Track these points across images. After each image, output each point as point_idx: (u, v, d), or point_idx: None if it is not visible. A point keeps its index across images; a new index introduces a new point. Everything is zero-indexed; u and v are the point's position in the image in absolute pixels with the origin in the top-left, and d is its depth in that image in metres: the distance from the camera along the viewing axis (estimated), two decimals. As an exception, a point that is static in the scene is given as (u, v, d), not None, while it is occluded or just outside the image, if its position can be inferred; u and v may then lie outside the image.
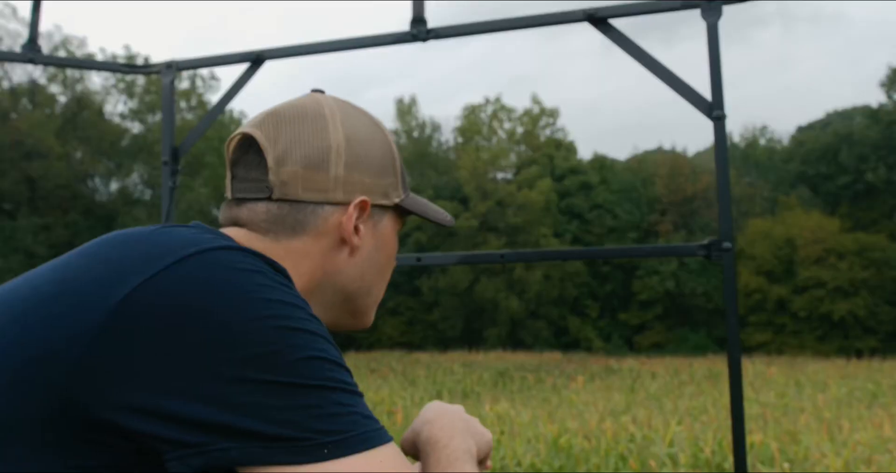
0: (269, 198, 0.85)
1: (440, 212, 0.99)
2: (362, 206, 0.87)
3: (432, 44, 2.02)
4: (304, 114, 0.87)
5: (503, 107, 40.62)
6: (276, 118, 0.87)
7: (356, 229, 0.88)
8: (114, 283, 0.68)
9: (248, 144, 0.88)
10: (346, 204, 0.87)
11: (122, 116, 36.01)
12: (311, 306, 0.82)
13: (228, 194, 0.90)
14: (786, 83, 71.63)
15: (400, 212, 0.94)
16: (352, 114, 0.90)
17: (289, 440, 0.65)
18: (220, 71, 43.03)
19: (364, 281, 0.92)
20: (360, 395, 0.71)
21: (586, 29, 1.88)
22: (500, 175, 39.05)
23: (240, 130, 0.89)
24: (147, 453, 0.66)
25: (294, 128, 0.86)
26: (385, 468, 0.68)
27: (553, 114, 40.66)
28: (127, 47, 36.49)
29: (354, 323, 0.96)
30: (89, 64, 2.74)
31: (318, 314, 0.85)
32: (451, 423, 0.88)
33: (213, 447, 0.64)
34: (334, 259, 0.88)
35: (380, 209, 0.91)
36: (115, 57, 31.82)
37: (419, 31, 1.99)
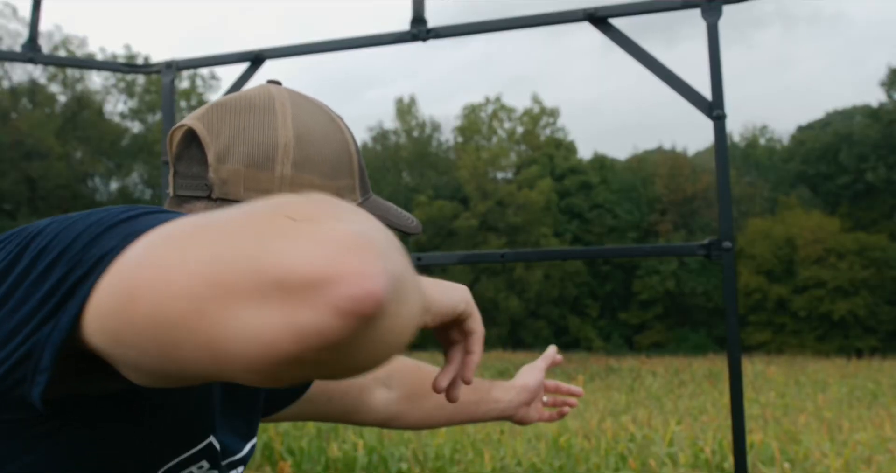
0: (209, 197, 0.78)
1: (404, 217, 0.90)
2: None
3: (432, 43, 2.02)
4: (252, 108, 0.80)
5: (503, 107, 40.65)
6: (221, 110, 0.81)
7: None
8: None
9: (191, 138, 0.81)
10: None
11: (122, 116, 36.06)
12: None
13: (170, 191, 0.83)
14: (786, 83, 71.68)
15: None
16: (306, 109, 0.83)
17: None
18: (220, 70, 43.10)
19: None
20: None
21: (586, 29, 1.88)
22: (500, 175, 39.09)
23: (182, 122, 0.82)
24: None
25: (239, 122, 0.79)
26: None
27: (553, 113, 40.71)
28: (127, 47, 36.50)
29: None
30: (89, 63, 2.74)
31: None
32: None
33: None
34: None
35: None
36: (115, 56, 31.83)
37: (419, 30, 1.99)
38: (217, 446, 0.78)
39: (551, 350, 1.46)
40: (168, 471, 0.72)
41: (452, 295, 0.70)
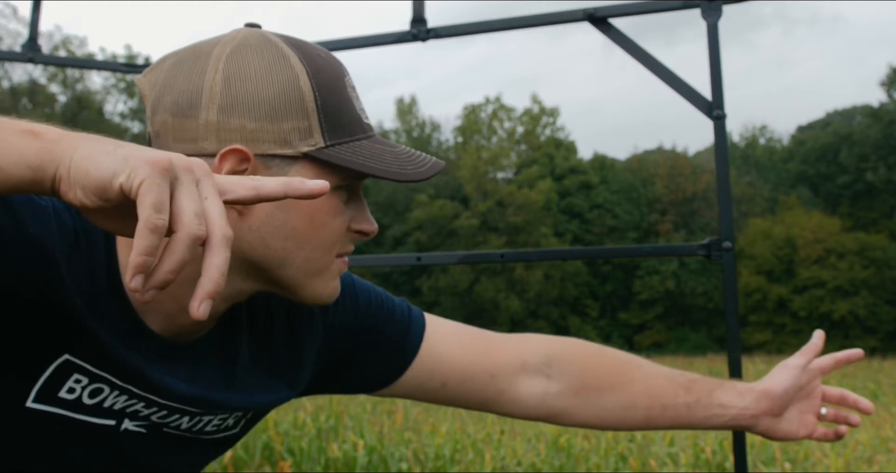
0: None
1: (393, 164, 0.77)
2: (240, 156, 0.72)
3: (433, 44, 2.02)
4: (190, 55, 0.75)
5: (503, 107, 40.66)
6: (164, 61, 0.77)
7: None
8: None
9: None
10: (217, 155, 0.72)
11: (122, 116, 36.06)
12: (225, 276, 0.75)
13: None
14: (786, 83, 71.72)
15: (323, 164, 0.75)
16: (251, 49, 0.75)
17: None
18: (220, 71, 43.03)
19: (270, 248, 0.74)
20: None
21: (586, 29, 1.88)
22: (500, 174, 39.09)
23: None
24: None
25: (172, 72, 0.75)
26: None
27: (553, 113, 40.71)
28: (127, 47, 36.51)
29: (297, 297, 0.79)
30: (89, 63, 2.74)
31: (238, 283, 0.76)
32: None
33: None
34: None
35: (281, 160, 0.73)
36: (115, 56, 31.83)
37: (419, 30, 1.98)
38: (80, 363, 0.72)
39: (816, 338, 1.12)
40: (39, 394, 0.71)
41: (106, 163, 0.51)
